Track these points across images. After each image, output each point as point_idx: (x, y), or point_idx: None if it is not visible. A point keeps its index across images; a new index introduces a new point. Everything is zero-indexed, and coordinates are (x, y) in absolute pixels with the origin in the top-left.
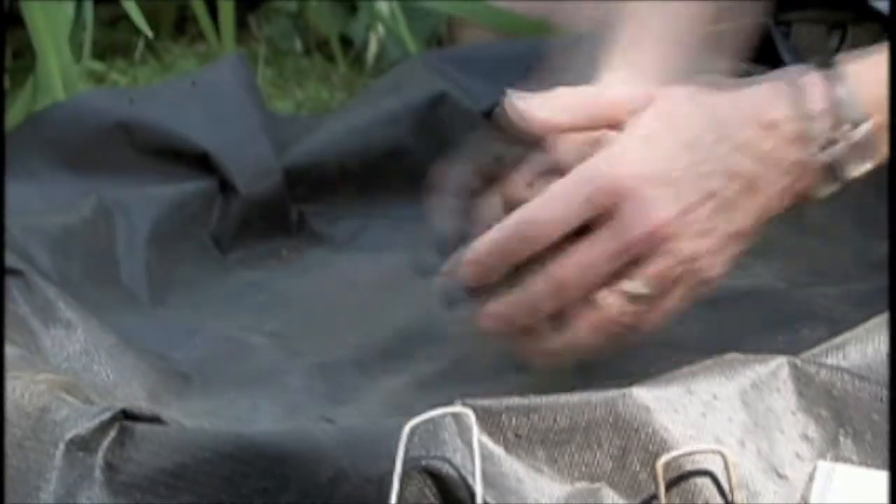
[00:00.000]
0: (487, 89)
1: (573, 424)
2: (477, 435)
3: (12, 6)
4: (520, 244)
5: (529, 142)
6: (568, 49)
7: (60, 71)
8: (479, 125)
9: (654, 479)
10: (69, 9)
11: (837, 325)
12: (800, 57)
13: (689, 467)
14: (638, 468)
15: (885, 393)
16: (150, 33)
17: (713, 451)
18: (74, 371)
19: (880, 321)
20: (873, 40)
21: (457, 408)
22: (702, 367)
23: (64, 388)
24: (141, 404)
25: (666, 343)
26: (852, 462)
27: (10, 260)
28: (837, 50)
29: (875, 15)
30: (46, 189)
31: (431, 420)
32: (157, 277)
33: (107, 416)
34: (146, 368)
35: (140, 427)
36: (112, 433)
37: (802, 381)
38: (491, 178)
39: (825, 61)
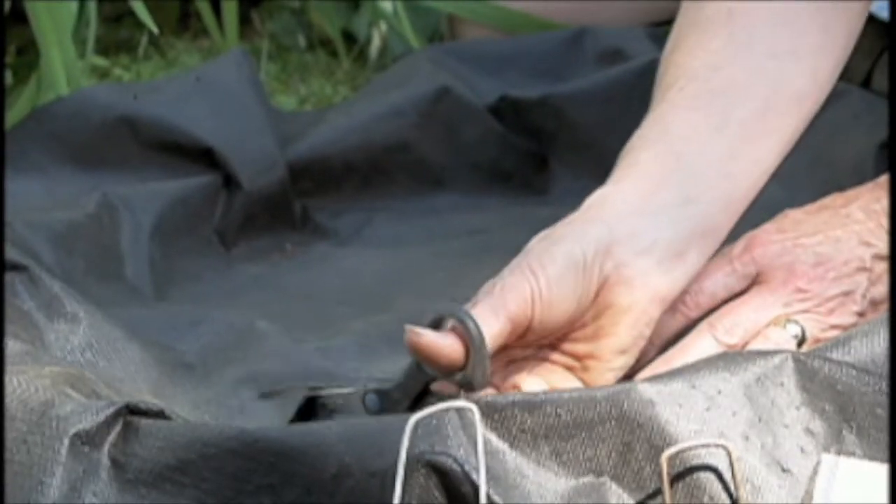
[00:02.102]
0: (491, 83)
1: (577, 419)
2: (481, 430)
3: (16, 3)
4: None
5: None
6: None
7: (64, 66)
8: (482, 119)
9: (659, 473)
10: (73, 5)
11: None
12: None
13: (693, 462)
14: (642, 463)
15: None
16: (154, 29)
17: (717, 446)
18: (79, 365)
19: (885, 316)
20: (873, 42)
21: (460, 402)
22: (705, 361)
23: (68, 383)
24: (146, 397)
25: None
26: (856, 456)
27: (15, 255)
28: None
29: (873, 18)
30: (50, 184)
31: (435, 415)
32: (160, 272)
33: (111, 410)
34: (151, 361)
35: (145, 422)
36: (117, 428)
37: (806, 376)
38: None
39: None
